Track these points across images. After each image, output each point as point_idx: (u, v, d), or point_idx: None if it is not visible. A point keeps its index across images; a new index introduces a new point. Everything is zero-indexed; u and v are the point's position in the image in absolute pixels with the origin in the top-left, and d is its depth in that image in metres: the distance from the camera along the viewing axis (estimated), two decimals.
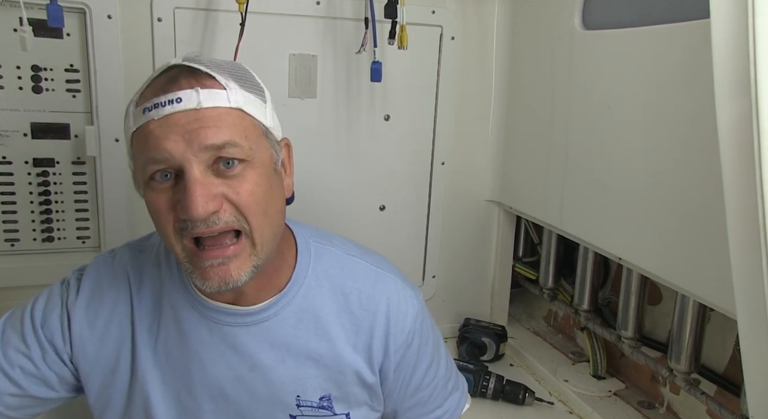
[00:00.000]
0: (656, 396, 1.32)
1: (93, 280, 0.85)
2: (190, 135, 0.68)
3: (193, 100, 0.69)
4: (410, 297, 0.90)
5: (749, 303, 0.66)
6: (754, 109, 0.60)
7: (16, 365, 0.81)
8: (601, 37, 1.17)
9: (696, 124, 0.95)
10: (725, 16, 0.62)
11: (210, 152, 0.69)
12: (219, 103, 0.70)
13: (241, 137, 0.71)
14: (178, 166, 0.69)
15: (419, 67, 1.45)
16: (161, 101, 0.69)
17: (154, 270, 0.85)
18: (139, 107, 0.72)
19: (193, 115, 0.69)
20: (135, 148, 0.73)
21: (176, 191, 0.70)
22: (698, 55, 0.93)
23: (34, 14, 1.14)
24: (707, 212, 0.93)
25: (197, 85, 0.70)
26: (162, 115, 0.69)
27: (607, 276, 1.46)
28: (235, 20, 1.19)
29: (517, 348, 1.56)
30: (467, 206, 1.60)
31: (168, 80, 0.71)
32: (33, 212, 1.29)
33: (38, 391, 0.82)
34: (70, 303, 0.83)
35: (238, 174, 0.71)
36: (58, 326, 0.83)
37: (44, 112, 1.25)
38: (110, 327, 0.83)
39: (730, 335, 1.14)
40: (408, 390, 0.92)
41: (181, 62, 0.74)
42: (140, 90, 0.74)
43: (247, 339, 0.82)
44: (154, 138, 0.69)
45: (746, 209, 0.63)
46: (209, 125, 0.69)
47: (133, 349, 0.83)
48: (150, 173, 0.70)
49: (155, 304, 0.84)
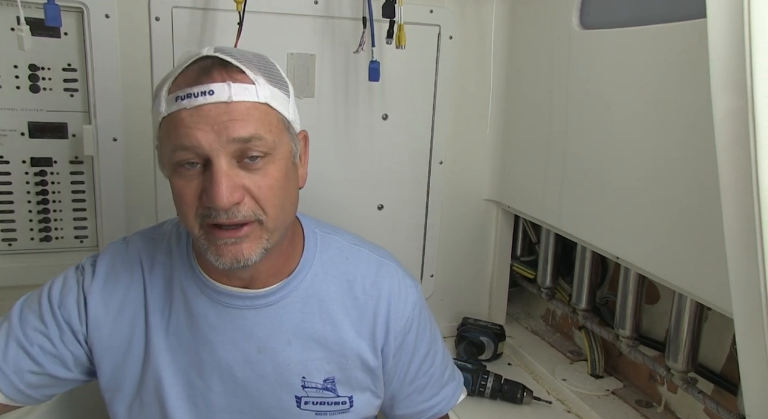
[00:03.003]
0: (654, 395, 1.32)
1: (108, 264, 0.88)
2: (219, 127, 0.72)
3: (225, 94, 0.72)
4: (410, 286, 0.95)
5: (746, 302, 0.66)
6: (750, 108, 0.60)
7: (35, 343, 0.84)
8: (599, 36, 1.17)
9: (693, 123, 0.95)
10: (721, 16, 0.62)
11: (237, 144, 0.72)
12: (248, 98, 0.74)
13: (266, 131, 0.75)
14: (205, 156, 0.72)
15: (417, 66, 1.45)
16: (194, 92, 0.72)
17: (165, 257, 0.88)
18: (171, 93, 0.74)
19: (223, 108, 0.72)
20: (163, 132, 0.76)
21: (203, 179, 0.74)
22: (695, 54, 0.93)
23: (31, 13, 1.14)
24: (704, 211, 0.93)
25: (229, 78, 0.73)
26: (194, 105, 0.72)
27: (605, 275, 1.46)
28: (233, 19, 1.19)
29: (515, 347, 1.56)
30: (465, 205, 1.60)
31: (201, 71, 0.74)
32: (30, 212, 1.29)
33: (55, 370, 0.85)
34: (86, 286, 0.86)
35: (261, 168, 0.75)
36: (74, 307, 0.85)
37: (42, 111, 1.25)
38: (124, 310, 0.86)
39: (728, 334, 1.14)
40: (407, 377, 0.95)
41: (213, 53, 0.77)
42: (172, 76, 0.77)
43: (256, 322, 0.86)
44: (184, 127, 0.72)
45: (743, 208, 0.63)
46: (238, 118, 0.72)
47: (146, 332, 0.86)
48: (178, 160, 0.74)
49: (166, 289, 0.87)
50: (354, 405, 0.92)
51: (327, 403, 0.89)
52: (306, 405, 0.89)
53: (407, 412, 0.99)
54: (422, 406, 0.99)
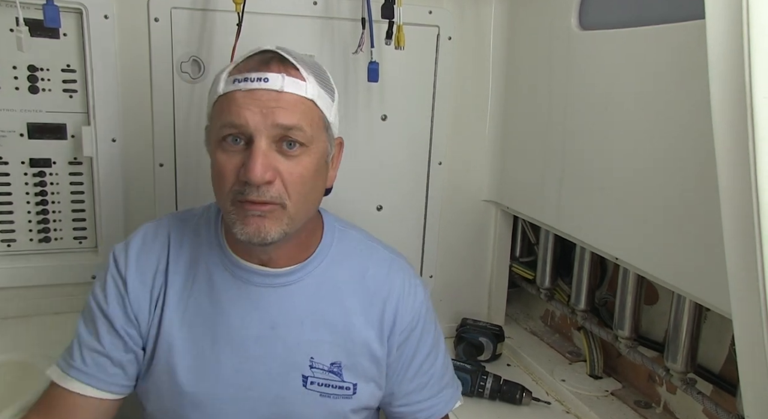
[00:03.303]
0: (653, 396, 1.32)
1: (139, 243, 0.94)
2: (267, 111, 0.79)
3: (278, 83, 0.80)
4: (419, 285, 1.00)
5: (745, 303, 0.66)
6: (749, 109, 0.60)
7: (124, 334, 0.90)
8: (598, 37, 1.17)
9: (692, 123, 0.95)
10: (720, 17, 0.63)
11: (279, 129, 0.80)
12: (297, 91, 0.81)
13: (307, 124, 0.82)
14: (249, 134, 0.80)
15: (416, 67, 1.45)
16: (251, 77, 0.80)
17: (193, 236, 0.95)
18: (230, 76, 0.82)
19: (274, 95, 0.80)
20: (216, 110, 0.84)
21: (243, 156, 0.80)
22: (694, 55, 0.93)
23: (30, 14, 1.13)
24: (703, 212, 0.93)
25: (284, 71, 0.81)
26: (248, 88, 0.80)
27: (603, 276, 1.46)
28: (232, 20, 1.19)
29: (514, 347, 1.56)
30: (464, 206, 1.60)
31: (261, 61, 0.82)
32: (29, 213, 1.29)
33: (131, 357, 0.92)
34: (122, 271, 0.92)
35: (296, 157, 0.82)
36: (116, 296, 0.91)
37: (41, 112, 1.25)
38: (151, 281, 0.92)
39: (727, 334, 1.14)
40: (407, 373, 0.99)
41: (274, 49, 0.84)
42: (234, 63, 0.84)
43: (272, 301, 0.91)
44: (236, 106, 0.80)
45: (741, 209, 0.63)
46: (284, 107, 0.80)
47: (163, 302, 0.91)
48: (224, 135, 0.81)
49: (192, 263, 0.93)
50: (357, 392, 0.94)
51: (332, 386, 0.93)
52: (311, 386, 0.92)
53: (404, 410, 1.00)
54: (420, 405, 1.00)
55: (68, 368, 0.89)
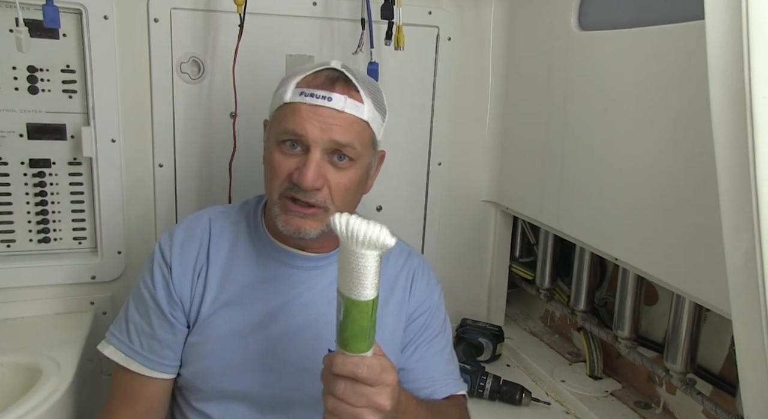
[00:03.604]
0: (653, 396, 1.32)
1: (183, 232, 1.02)
2: (326, 127, 0.89)
3: (340, 104, 0.90)
4: (432, 275, 1.12)
5: (745, 303, 0.66)
6: (749, 109, 0.60)
7: (170, 316, 0.98)
8: (598, 37, 1.17)
9: (691, 124, 0.95)
10: (720, 17, 0.63)
11: (333, 145, 0.90)
12: (355, 113, 0.91)
13: (359, 143, 0.92)
14: (307, 144, 0.90)
15: (416, 68, 1.45)
16: (317, 94, 0.90)
17: (232, 225, 1.04)
18: (298, 87, 0.92)
19: (335, 113, 0.90)
20: (280, 113, 0.93)
21: (298, 160, 0.90)
22: (693, 55, 0.93)
23: (30, 15, 1.14)
24: (703, 212, 0.93)
25: (346, 93, 0.91)
26: (313, 103, 0.90)
27: (603, 277, 1.46)
28: (232, 21, 1.20)
29: (513, 348, 1.56)
30: (464, 206, 1.60)
31: (328, 80, 0.92)
32: (29, 213, 1.28)
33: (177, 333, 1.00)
34: (166, 257, 0.99)
35: (344, 169, 0.92)
36: (162, 280, 0.99)
37: (40, 112, 1.25)
38: (190, 262, 1.00)
39: (726, 335, 1.14)
40: (416, 349, 1.06)
41: (340, 68, 0.94)
42: (302, 73, 0.94)
43: (305, 279, 1.00)
44: (300, 117, 0.90)
45: (741, 209, 0.63)
46: (341, 126, 0.90)
47: (205, 280, 0.99)
48: (284, 139, 0.91)
49: (231, 247, 1.01)
50: None
51: None
52: None
53: (409, 387, 1.01)
54: (423, 382, 1.04)
55: (129, 351, 0.98)
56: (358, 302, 0.70)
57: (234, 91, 1.26)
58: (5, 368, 1.12)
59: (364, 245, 0.68)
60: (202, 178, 1.37)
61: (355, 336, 0.72)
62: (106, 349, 1.00)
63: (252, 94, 1.34)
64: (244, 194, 1.37)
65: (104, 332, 1.03)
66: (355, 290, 0.69)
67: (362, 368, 0.72)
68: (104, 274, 1.34)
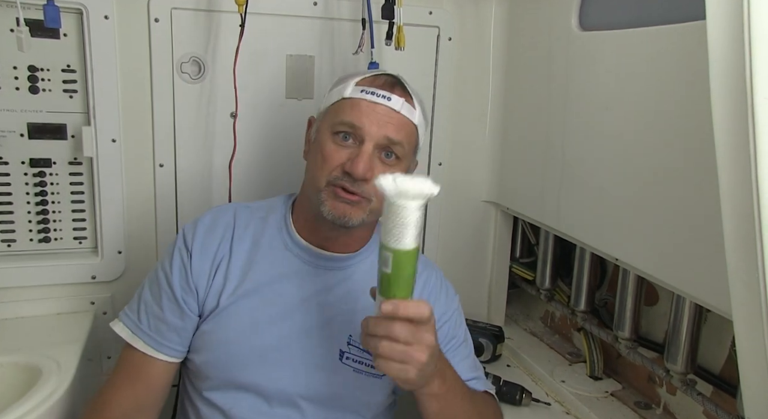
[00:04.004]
0: (653, 397, 1.32)
1: (206, 224, 1.05)
2: (381, 122, 0.96)
3: (397, 105, 0.97)
4: (452, 288, 1.16)
5: (745, 304, 0.66)
6: (750, 109, 0.60)
7: (182, 302, 1.01)
8: (598, 38, 1.17)
9: (692, 124, 0.95)
10: (721, 18, 0.63)
11: (385, 140, 0.96)
12: (409, 116, 0.99)
13: (407, 143, 0.99)
14: (361, 137, 0.96)
15: (416, 68, 1.45)
16: (378, 93, 0.97)
17: (258, 222, 1.07)
18: (358, 85, 0.98)
19: (392, 113, 0.97)
20: (337, 107, 0.99)
21: (349, 152, 0.96)
22: (694, 56, 0.93)
23: (30, 14, 1.14)
24: (704, 213, 0.93)
25: (404, 97, 0.99)
26: (373, 101, 0.97)
27: (603, 277, 1.46)
28: (232, 21, 1.20)
29: (514, 348, 1.56)
30: (464, 206, 1.60)
31: (388, 82, 1.00)
32: (29, 213, 1.29)
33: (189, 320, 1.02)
34: (188, 244, 1.02)
35: (390, 166, 0.98)
36: (181, 267, 1.01)
37: (41, 112, 1.25)
38: (210, 252, 1.02)
39: (727, 335, 1.14)
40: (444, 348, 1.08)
41: (398, 76, 1.02)
42: (360, 75, 1.01)
43: (325, 279, 1.03)
44: (358, 111, 0.96)
45: (742, 210, 0.63)
46: (396, 124, 0.97)
47: (226, 271, 1.01)
48: (339, 130, 0.97)
49: (255, 242, 1.04)
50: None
51: (365, 364, 1.03)
52: (347, 361, 1.03)
53: None
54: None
55: (136, 329, 1.01)
56: (407, 251, 0.77)
57: (235, 91, 1.26)
58: (5, 368, 1.12)
59: (411, 197, 0.74)
60: (202, 178, 1.37)
61: (405, 283, 0.78)
62: (116, 326, 1.03)
63: (252, 94, 1.34)
64: (245, 194, 1.38)
65: (105, 332, 1.04)
66: (404, 239, 0.76)
67: (422, 308, 0.79)
68: (104, 274, 1.34)
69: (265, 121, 1.38)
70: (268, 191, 1.40)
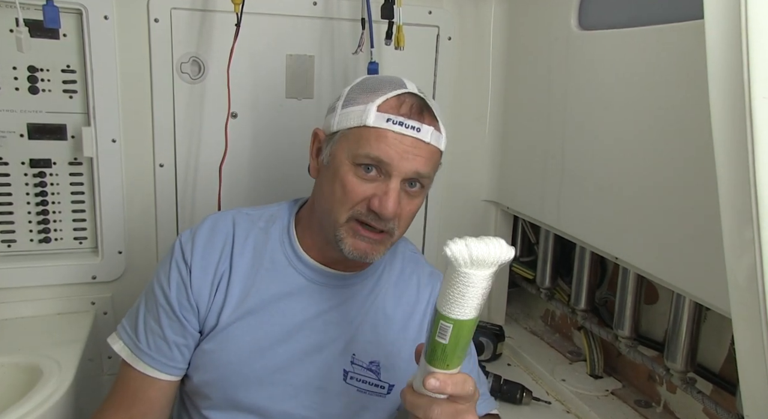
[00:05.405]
0: (653, 395, 1.33)
1: (205, 235, 0.99)
2: (409, 156, 0.87)
3: (427, 136, 0.88)
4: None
5: (744, 302, 0.66)
6: (748, 108, 0.60)
7: (183, 319, 0.95)
8: (598, 37, 1.17)
9: (691, 123, 0.95)
10: (719, 17, 0.63)
11: (413, 174, 0.88)
12: (437, 145, 0.90)
13: (433, 172, 0.92)
14: (388, 172, 0.87)
15: (416, 67, 1.45)
16: (407, 123, 0.87)
17: (259, 233, 1.00)
18: (381, 111, 0.87)
19: (421, 145, 0.88)
20: (357, 134, 0.89)
21: (374, 187, 0.88)
22: (693, 55, 0.94)
23: (30, 15, 1.14)
24: (703, 211, 0.93)
25: (433, 125, 0.89)
26: (402, 132, 0.87)
27: (604, 276, 1.46)
28: (232, 20, 1.19)
29: (514, 347, 1.56)
30: (464, 206, 1.60)
31: (415, 108, 0.89)
32: (30, 213, 1.29)
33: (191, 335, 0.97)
34: (187, 258, 0.96)
35: (414, 196, 0.91)
36: (179, 282, 0.96)
37: (41, 113, 1.25)
38: (211, 267, 0.97)
39: (726, 334, 1.14)
40: None
41: (419, 93, 0.92)
42: (380, 95, 0.89)
43: (330, 297, 0.98)
44: (385, 144, 0.86)
45: (741, 209, 0.63)
46: (425, 157, 0.89)
47: (227, 286, 0.96)
48: (363, 162, 0.88)
49: (256, 255, 0.98)
50: (392, 393, 1.00)
51: (369, 383, 0.99)
52: (351, 380, 0.98)
53: None
54: None
55: (135, 349, 0.96)
56: (469, 321, 0.68)
57: (228, 91, 1.25)
58: (6, 368, 1.12)
59: (487, 265, 0.65)
60: (202, 178, 1.37)
61: (460, 354, 0.70)
62: (116, 344, 0.98)
63: (252, 93, 1.34)
64: (245, 195, 1.38)
65: (105, 332, 1.03)
66: (469, 310, 0.67)
67: (468, 386, 0.71)
68: (105, 274, 1.34)
69: (265, 121, 1.38)
70: (269, 192, 1.40)
